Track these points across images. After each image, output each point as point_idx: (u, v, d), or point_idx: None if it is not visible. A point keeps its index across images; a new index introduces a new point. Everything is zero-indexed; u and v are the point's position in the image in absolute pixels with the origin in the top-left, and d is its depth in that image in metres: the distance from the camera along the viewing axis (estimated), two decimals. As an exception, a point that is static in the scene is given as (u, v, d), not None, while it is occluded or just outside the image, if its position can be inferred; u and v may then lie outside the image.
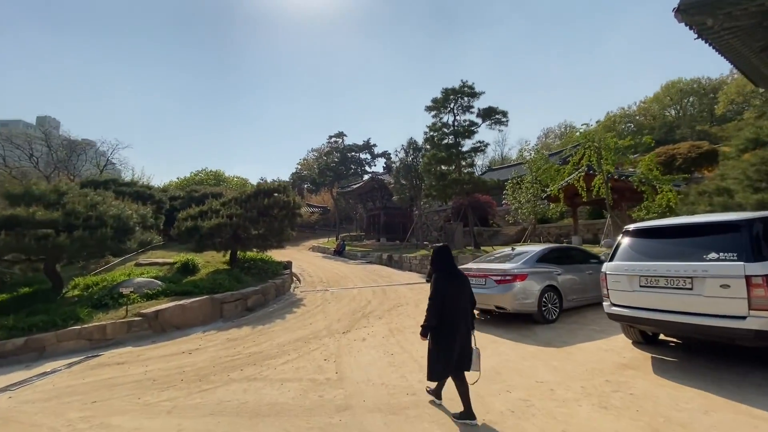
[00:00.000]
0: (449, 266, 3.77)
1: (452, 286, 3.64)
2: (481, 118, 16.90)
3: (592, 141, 12.60)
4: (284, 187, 14.03)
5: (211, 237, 11.97)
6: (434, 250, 3.91)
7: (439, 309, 3.56)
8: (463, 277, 3.83)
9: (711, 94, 53.79)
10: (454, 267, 3.82)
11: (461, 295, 3.67)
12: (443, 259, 3.80)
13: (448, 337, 3.52)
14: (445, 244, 4.00)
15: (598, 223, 23.07)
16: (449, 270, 3.74)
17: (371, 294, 11.74)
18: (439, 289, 3.60)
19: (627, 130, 54.37)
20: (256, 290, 10.89)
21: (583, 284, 7.61)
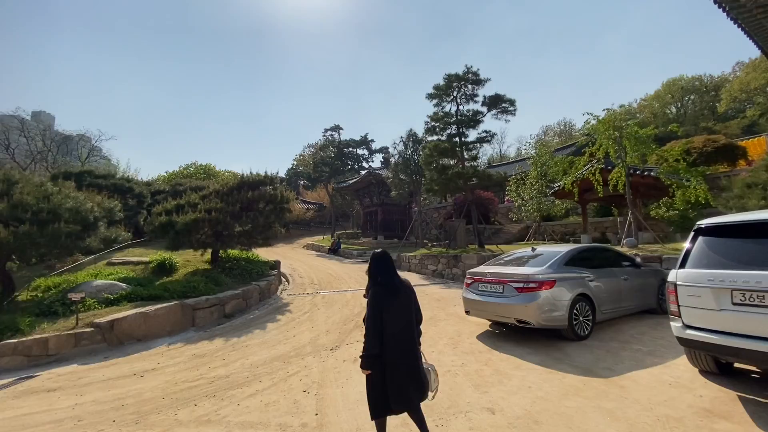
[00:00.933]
0: (390, 278, 3.07)
1: (395, 302, 2.98)
2: (486, 106, 15.63)
3: (612, 129, 11.36)
4: (271, 179, 12.74)
5: (188, 234, 10.69)
6: (372, 258, 3.18)
7: (379, 332, 2.87)
8: (408, 289, 3.14)
9: (712, 92, 52.96)
10: (396, 279, 3.09)
11: (406, 311, 3.05)
12: (383, 269, 3.09)
13: (394, 364, 2.86)
14: (385, 251, 3.24)
15: (606, 221, 21.95)
16: (390, 283, 3.05)
17: (366, 298, 10.49)
18: (379, 308, 2.91)
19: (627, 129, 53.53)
20: (235, 294, 9.62)
21: (618, 292, 6.40)
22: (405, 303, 3.03)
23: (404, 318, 2.99)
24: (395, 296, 2.97)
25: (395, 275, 3.08)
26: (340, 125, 36.35)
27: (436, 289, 11.90)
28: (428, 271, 15.37)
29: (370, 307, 2.91)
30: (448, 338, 6.29)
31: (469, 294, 6.38)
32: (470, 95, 16.37)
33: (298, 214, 40.68)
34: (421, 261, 15.96)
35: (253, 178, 12.45)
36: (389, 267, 3.09)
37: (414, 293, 3.18)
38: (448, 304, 9.28)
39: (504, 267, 6.26)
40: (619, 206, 20.29)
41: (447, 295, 10.60)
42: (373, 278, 3.08)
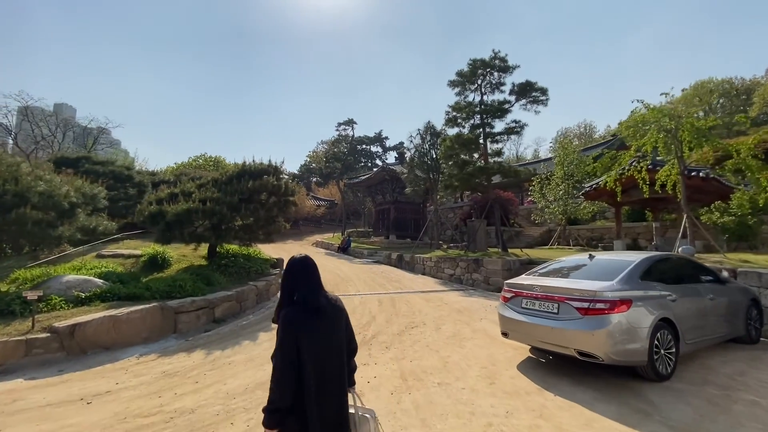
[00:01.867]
0: (312, 294, 2.05)
1: (317, 327, 2.00)
2: (515, 95, 14.14)
3: (668, 118, 9.79)
4: (275, 169, 11.53)
5: (180, 226, 9.56)
6: (288, 265, 2.15)
7: (293, 374, 1.89)
8: (337, 309, 2.14)
9: (743, 95, 50.30)
10: (320, 295, 2.09)
11: (334, 339, 2.07)
12: (303, 281, 2.09)
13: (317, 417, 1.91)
14: (306, 256, 2.19)
15: (639, 226, 20.24)
16: (311, 300, 2.03)
17: (377, 305, 9.19)
18: (294, 337, 1.92)
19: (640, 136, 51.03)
20: (228, 296, 8.43)
21: (703, 315, 4.95)
22: (332, 329, 2.07)
23: (332, 349, 2.03)
24: (318, 319, 1.99)
25: (319, 290, 2.09)
26: (353, 119, 35.10)
27: (455, 296, 10.51)
28: (445, 276, 13.97)
29: (280, 337, 1.92)
30: (480, 367, 4.92)
31: (509, 311, 5.00)
32: (496, 84, 14.92)
33: (309, 210, 39.71)
34: (437, 264, 14.58)
35: (255, 167, 11.26)
36: (311, 278, 2.08)
37: (346, 314, 2.20)
38: (473, 316, 7.90)
39: (558, 279, 4.85)
40: (656, 210, 18.58)
41: (470, 304, 9.21)
42: (286, 294, 2.07)
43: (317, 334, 1.96)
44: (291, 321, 1.93)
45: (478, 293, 11.17)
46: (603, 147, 27.66)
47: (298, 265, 2.10)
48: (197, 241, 10.09)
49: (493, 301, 9.66)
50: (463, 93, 15.03)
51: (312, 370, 1.90)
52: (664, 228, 18.87)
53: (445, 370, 4.83)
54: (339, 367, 2.04)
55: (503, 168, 14.02)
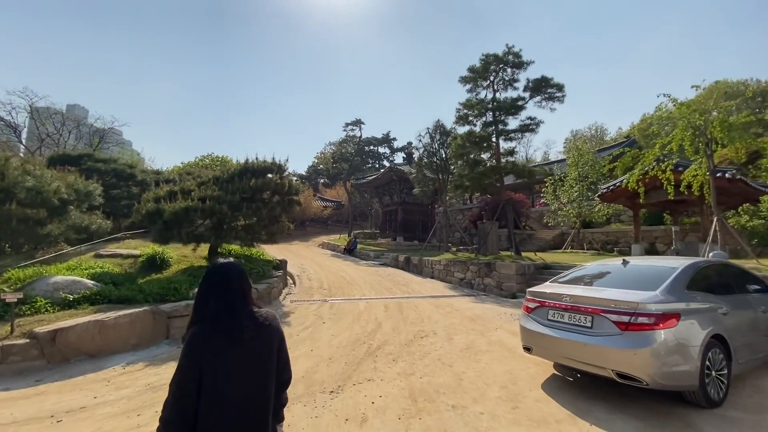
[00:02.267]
0: (229, 310, 1.56)
1: (233, 353, 1.52)
2: (529, 91, 13.52)
3: (698, 114, 9.12)
4: (279, 167, 11.07)
5: (178, 225, 9.14)
6: (206, 272, 1.68)
7: (185, 415, 1.44)
8: (266, 330, 1.63)
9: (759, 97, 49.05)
10: (239, 311, 1.58)
11: (252, 370, 1.56)
12: (220, 293, 1.60)
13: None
14: (227, 263, 1.71)
15: (657, 230, 19.45)
16: (228, 318, 1.54)
17: (383, 310, 8.65)
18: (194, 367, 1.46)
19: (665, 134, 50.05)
20: (226, 299, 7.94)
21: (756, 331, 4.35)
22: (254, 356, 1.59)
23: (250, 382, 1.57)
24: (233, 343, 1.54)
25: (241, 306, 1.61)
26: (361, 119, 34.64)
27: (467, 303, 9.93)
28: (455, 280, 13.38)
29: (179, 365, 1.50)
30: (500, 387, 4.35)
31: (532, 324, 4.43)
32: (509, 80, 14.32)
33: (316, 211, 39.37)
34: (446, 267, 13.99)
35: (258, 165, 10.82)
36: (231, 290, 1.62)
37: (280, 336, 1.71)
38: (487, 325, 7.31)
39: (589, 288, 4.26)
40: (675, 213, 17.79)
41: (483, 312, 8.62)
42: (199, 309, 1.61)
43: (230, 362, 1.51)
44: (195, 344, 1.49)
45: (491, 299, 10.57)
46: (616, 149, 26.85)
47: (217, 273, 1.64)
48: (196, 241, 9.67)
49: (508, 308, 9.07)
50: (475, 90, 14.46)
51: (218, 409, 1.47)
52: (684, 232, 18.07)
53: (460, 390, 4.28)
54: (259, 405, 1.57)
55: (517, 167, 13.41)
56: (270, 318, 1.68)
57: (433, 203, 26.01)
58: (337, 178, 39.74)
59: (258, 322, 1.61)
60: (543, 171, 15.04)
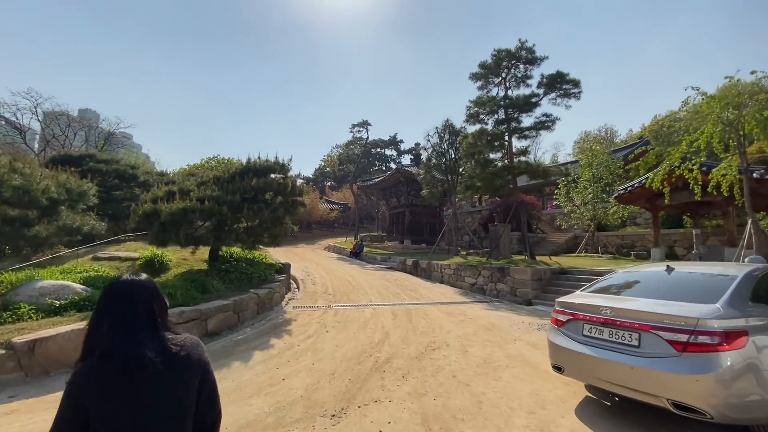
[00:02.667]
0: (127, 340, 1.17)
1: (124, 395, 1.15)
2: (543, 88, 12.92)
3: (732, 108, 8.47)
4: (282, 166, 10.62)
5: (175, 226, 8.71)
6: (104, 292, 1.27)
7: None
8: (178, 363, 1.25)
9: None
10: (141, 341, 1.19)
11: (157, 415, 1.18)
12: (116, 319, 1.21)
13: None
14: (132, 279, 1.31)
15: (675, 233, 18.65)
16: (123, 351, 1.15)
17: (391, 318, 8.10)
18: (77, 410, 1.12)
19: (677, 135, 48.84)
20: (223, 306, 7.47)
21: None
22: (164, 395, 1.22)
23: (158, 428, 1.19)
24: (131, 382, 1.17)
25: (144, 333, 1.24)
26: (368, 120, 34.20)
27: (479, 310, 9.34)
28: (466, 285, 12.78)
29: (59, 410, 1.14)
30: (527, 412, 3.78)
31: (563, 340, 3.85)
32: (522, 77, 13.75)
33: (322, 214, 39.02)
34: (456, 272, 13.40)
35: (260, 164, 10.37)
36: (131, 315, 1.25)
37: (203, 369, 1.33)
38: (505, 336, 6.72)
39: (632, 299, 3.67)
40: (696, 215, 17.00)
41: (498, 320, 8.02)
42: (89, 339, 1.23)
43: (128, 406, 1.17)
44: (78, 385, 1.16)
45: (505, 306, 9.96)
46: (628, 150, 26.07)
47: (115, 293, 1.28)
48: (195, 243, 9.23)
49: (524, 316, 8.46)
50: (486, 87, 13.91)
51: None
52: (705, 235, 17.27)
53: (480, 415, 3.72)
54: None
55: (531, 167, 12.78)
56: (189, 346, 1.32)
57: (441, 205, 25.41)
58: (343, 181, 39.37)
59: (170, 353, 1.26)
60: (559, 171, 14.40)
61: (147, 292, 1.31)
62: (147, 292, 1.31)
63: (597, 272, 10.72)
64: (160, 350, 1.23)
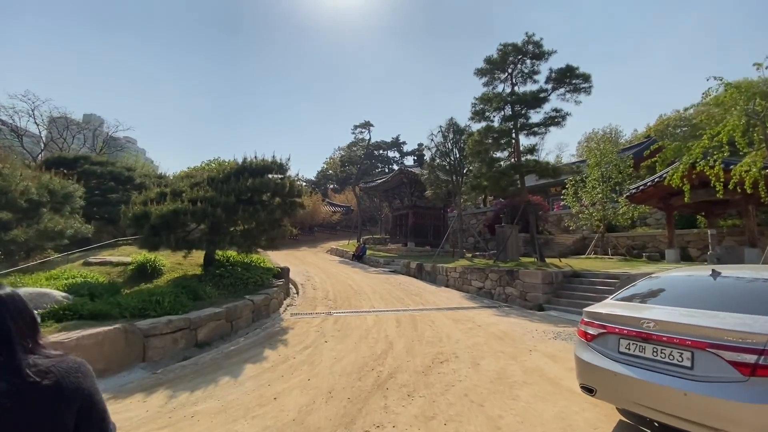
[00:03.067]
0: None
1: None
2: (551, 83, 12.40)
3: (759, 98, 7.91)
4: (280, 166, 10.16)
5: (167, 229, 8.25)
6: None
7: None
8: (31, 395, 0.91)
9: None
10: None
11: None
12: None
13: None
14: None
15: (689, 233, 18.03)
16: None
17: (394, 326, 7.58)
18: None
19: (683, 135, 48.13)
20: (215, 313, 6.99)
21: None
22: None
23: None
24: None
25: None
26: (370, 122, 33.73)
27: (488, 316, 8.79)
28: (473, 289, 12.24)
29: None
30: (554, 442, 3.25)
31: (595, 356, 3.31)
32: (529, 73, 13.23)
33: (324, 216, 38.59)
34: (462, 275, 12.86)
35: (256, 164, 9.92)
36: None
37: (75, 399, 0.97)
38: (518, 346, 6.18)
39: (680, 311, 3.11)
40: (711, 215, 16.38)
41: (509, 328, 7.47)
42: None
43: None
44: None
45: (515, 312, 9.42)
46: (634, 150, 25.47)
47: None
48: (188, 247, 8.76)
49: (537, 323, 7.91)
50: (492, 83, 13.40)
51: None
52: (720, 235, 16.64)
53: (498, 445, 3.19)
54: None
55: (540, 165, 12.23)
56: (61, 372, 1.01)
57: (445, 207, 24.88)
58: (346, 183, 38.98)
59: (26, 383, 0.96)
60: (569, 169, 13.82)
61: (5, 308, 1.00)
62: (5, 308, 1.00)
63: (612, 275, 10.15)
64: (11, 380, 0.93)
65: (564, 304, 9.73)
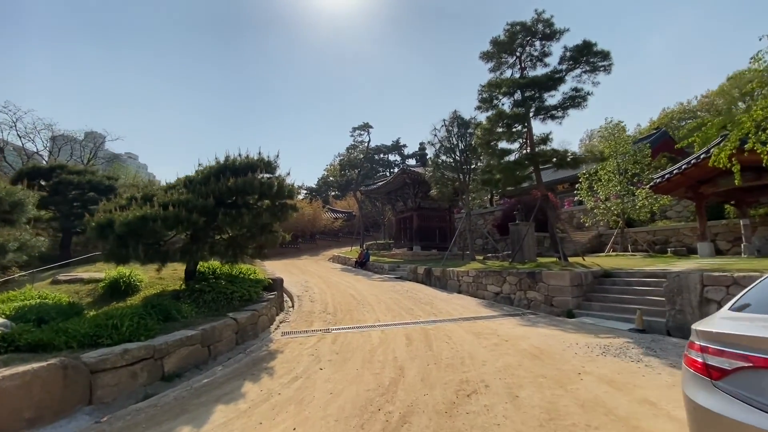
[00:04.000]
0: None
1: None
2: (566, 63, 11.21)
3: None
4: (267, 164, 8.99)
5: (135, 239, 7.08)
6: None
7: None
8: None
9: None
10: None
11: None
12: None
13: None
14: None
15: (716, 225, 16.69)
16: None
17: (404, 344, 6.34)
18: None
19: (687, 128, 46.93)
20: (188, 337, 5.78)
21: None
22: None
23: None
24: None
25: None
26: (369, 123, 32.68)
27: (514, 326, 7.51)
28: (489, 295, 10.97)
29: None
30: None
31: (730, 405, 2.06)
32: (539, 56, 12.11)
33: (326, 223, 37.48)
34: (476, 279, 11.60)
35: (239, 162, 8.76)
36: None
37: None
38: (562, 367, 4.92)
39: None
40: (742, 203, 15.06)
41: (543, 342, 6.20)
42: None
43: None
44: None
45: (543, 320, 8.15)
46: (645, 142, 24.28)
47: None
48: (161, 260, 7.58)
49: (574, 334, 6.63)
50: (499, 68, 12.27)
51: None
52: (753, 225, 15.32)
53: None
54: None
55: (559, 154, 10.98)
56: None
57: (451, 207, 23.65)
58: (347, 189, 37.89)
59: None
60: (593, 156, 12.53)
61: None
62: None
63: (650, 273, 8.87)
64: None
65: (597, 309, 8.46)
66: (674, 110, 54.35)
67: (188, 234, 7.99)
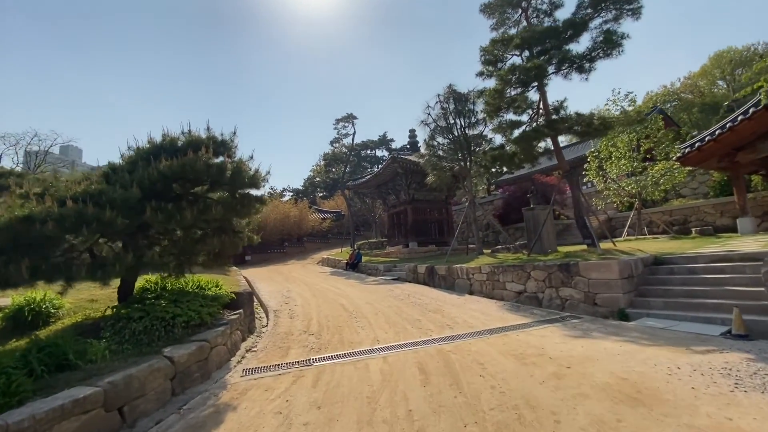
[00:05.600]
0: None
1: None
2: (585, 9, 9.25)
3: None
4: (222, 143, 6.82)
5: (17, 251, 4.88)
6: None
7: None
8: None
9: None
10: None
11: None
12: None
13: None
14: None
15: (739, 201, 14.96)
16: None
17: (419, 384, 4.27)
18: None
19: (672, 110, 46.11)
20: (76, 401, 3.60)
21: None
22: None
23: None
24: None
25: None
26: (353, 114, 30.38)
27: (563, 340, 5.49)
28: (509, 294, 8.99)
29: None
30: None
31: None
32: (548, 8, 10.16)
33: (314, 224, 35.24)
34: (491, 277, 9.60)
35: (184, 141, 6.59)
36: None
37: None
38: (695, 422, 2.90)
39: None
40: (775, 174, 13.42)
41: (625, 366, 4.18)
42: None
43: None
44: None
45: (593, 325, 6.18)
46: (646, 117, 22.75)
47: None
48: (67, 278, 5.34)
49: (650, 346, 4.65)
50: (503, 25, 10.31)
51: None
52: (785, 199, 13.76)
53: None
54: None
55: (583, 118, 9.00)
56: None
57: (448, 198, 21.72)
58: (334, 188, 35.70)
59: None
60: (627, 118, 10.55)
61: None
62: None
63: (716, 257, 7.00)
64: None
65: (659, 307, 6.53)
66: (658, 93, 53.70)
67: (106, 240, 5.81)
